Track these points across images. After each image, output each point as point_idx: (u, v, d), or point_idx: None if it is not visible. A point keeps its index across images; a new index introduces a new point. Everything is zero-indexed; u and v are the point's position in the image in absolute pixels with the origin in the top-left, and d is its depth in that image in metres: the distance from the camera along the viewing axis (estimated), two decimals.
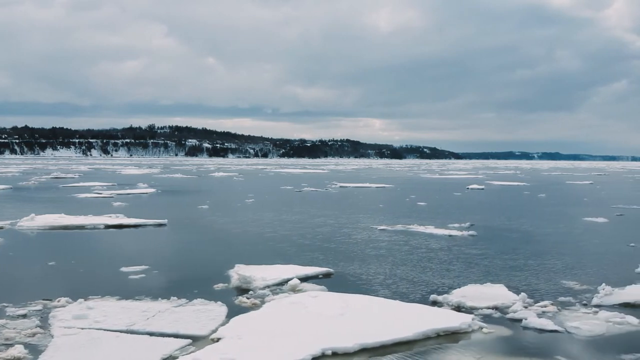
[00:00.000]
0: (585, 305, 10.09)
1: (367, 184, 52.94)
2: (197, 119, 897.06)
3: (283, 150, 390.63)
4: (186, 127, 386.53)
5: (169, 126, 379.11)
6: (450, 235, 18.93)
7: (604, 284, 11.30)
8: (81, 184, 47.30)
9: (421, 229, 20.36)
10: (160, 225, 20.60)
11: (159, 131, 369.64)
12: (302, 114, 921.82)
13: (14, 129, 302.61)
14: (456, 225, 21.48)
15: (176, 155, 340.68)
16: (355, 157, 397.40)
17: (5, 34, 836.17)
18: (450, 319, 8.66)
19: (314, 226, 21.19)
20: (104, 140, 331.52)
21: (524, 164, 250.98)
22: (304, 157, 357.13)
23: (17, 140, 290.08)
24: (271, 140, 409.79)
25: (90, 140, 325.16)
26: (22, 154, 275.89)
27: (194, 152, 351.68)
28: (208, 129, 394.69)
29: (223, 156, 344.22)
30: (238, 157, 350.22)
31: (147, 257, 14.08)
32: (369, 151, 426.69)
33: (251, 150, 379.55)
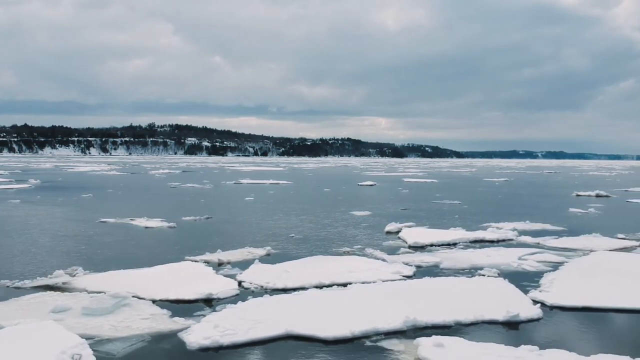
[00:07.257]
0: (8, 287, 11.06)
1: (269, 181, 53.97)
2: (203, 118, 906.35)
3: (283, 148, 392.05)
4: (186, 125, 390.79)
5: (169, 124, 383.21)
6: (146, 227, 19.91)
7: (80, 269, 12.28)
8: None
9: (139, 221, 21.35)
10: None
11: (159, 129, 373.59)
12: (307, 113, 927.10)
13: (13, 127, 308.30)
14: (190, 218, 22.43)
15: (175, 153, 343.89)
16: (356, 155, 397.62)
17: (13, 33, 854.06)
18: None
19: (37, 219, 22.28)
20: (103, 139, 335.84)
21: (515, 162, 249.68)
22: (304, 155, 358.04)
23: (15, 139, 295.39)
24: (271, 139, 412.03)
25: (89, 138, 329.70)
26: (20, 153, 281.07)
27: (193, 150, 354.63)
28: (208, 127, 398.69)
29: (222, 154, 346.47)
30: (237, 155, 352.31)
31: None
32: (370, 150, 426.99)
33: (251, 149, 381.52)
